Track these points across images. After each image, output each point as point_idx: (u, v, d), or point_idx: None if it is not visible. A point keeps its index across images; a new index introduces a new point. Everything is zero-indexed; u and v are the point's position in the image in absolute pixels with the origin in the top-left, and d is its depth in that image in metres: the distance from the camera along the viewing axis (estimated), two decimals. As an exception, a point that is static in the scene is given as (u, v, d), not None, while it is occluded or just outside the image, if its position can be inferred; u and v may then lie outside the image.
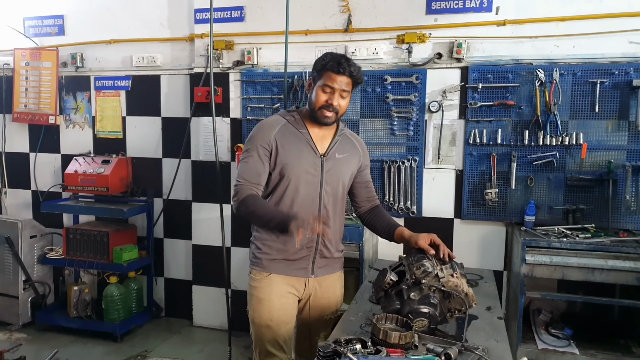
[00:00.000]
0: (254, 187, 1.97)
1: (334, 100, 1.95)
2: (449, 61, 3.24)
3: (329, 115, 1.97)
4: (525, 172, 3.13)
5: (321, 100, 1.96)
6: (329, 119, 1.98)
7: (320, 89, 1.96)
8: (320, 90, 1.96)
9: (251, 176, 1.98)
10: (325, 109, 1.96)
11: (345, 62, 1.93)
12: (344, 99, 1.98)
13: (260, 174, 1.99)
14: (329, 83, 1.94)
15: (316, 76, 1.99)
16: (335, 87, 1.94)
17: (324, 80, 1.95)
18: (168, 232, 4.10)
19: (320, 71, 1.97)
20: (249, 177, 1.98)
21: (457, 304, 1.76)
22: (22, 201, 4.46)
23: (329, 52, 2.01)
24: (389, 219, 2.16)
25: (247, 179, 1.98)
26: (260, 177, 1.99)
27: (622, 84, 2.96)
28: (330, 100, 1.95)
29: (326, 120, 1.98)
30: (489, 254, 3.29)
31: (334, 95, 1.95)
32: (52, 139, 4.29)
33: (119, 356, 3.48)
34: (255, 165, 1.98)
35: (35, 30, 4.24)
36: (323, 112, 1.96)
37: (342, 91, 1.96)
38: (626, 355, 2.77)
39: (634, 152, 2.98)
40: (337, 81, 1.93)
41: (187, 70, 3.87)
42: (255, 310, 2.07)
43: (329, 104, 1.95)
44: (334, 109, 1.96)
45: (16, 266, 3.89)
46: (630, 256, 2.67)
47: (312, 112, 2.00)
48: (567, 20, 3.02)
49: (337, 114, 1.98)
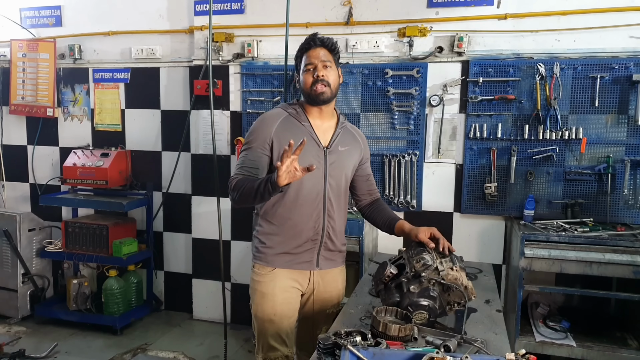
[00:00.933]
0: (249, 177, 1.95)
1: (319, 72, 1.96)
2: (450, 55, 3.23)
3: (323, 90, 1.96)
4: (525, 166, 3.14)
5: (308, 80, 1.97)
6: (324, 93, 1.97)
7: (304, 72, 1.99)
8: (305, 73, 1.98)
9: (248, 169, 1.96)
10: (315, 85, 1.96)
11: (314, 36, 2.00)
12: (328, 69, 1.98)
13: (258, 166, 1.97)
14: (308, 61, 1.97)
15: (298, 64, 2.04)
16: (314, 61, 1.96)
17: (303, 62, 1.99)
18: (168, 225, 4.10)
19: (298, 58, 2.03)
20: (246, 170, 1.96)
21: (457, 297, 1.77)
22: (20, 194, 4.45)
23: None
24: (390, 213, 2.16)
25: (242, 172, 1.96)
26: (258, 169, 1.97)
27: (622, 79, 2.96)
28: (318, 72, 1.96)
29: (323, 97, 1.97)
30: (488, 248, 3.31)
31: (317, 68, 1.96)
32: (50, 132, 4.28)
33: (119, 349, 3.49)
34: (253, 157, 1.97)
35: (32, 21, 4.21)
36: (316, 89, 1.96)
37: (323, 62, 1.97)
38: (622, 347, 2.79)
39: (633, 147, 2.98)
40: (314, 55, 1.97)
41: (187, 63, 3.85)
42: (259, 304, 2.07)
43: (316, 78, 1.95)
44: (323, 80, 1.95)
45: (15, 259, 3.88)
46: (628, 250, 2.69)
47: (308, 98, 2.00)
48: (568, 14, 3.02)
49: (329, 86, 1.97)
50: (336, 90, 2.02)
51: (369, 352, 1.35)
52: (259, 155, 1.98)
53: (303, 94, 2.03)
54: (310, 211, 2.01)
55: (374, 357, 1.33)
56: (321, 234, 2.05)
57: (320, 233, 2.04)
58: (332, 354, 1.45)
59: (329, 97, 1.99)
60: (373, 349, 1.38)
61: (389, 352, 1.39)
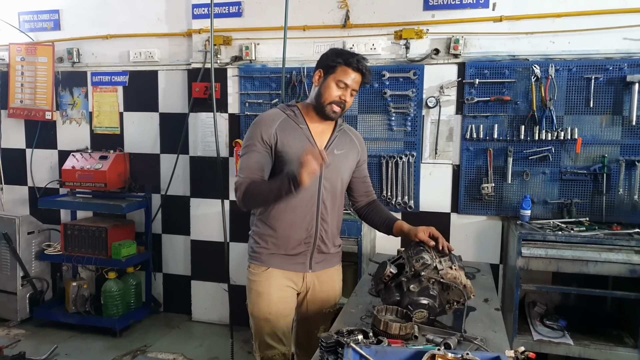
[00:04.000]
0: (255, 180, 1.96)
1: (347, 97, 1.96)
2: (446, 57, 3.26)
3: (337, 111, 1.98)
4: (521, 166, 3.17)
5: (334, 95, 1.96)
6: (337, 114, 2.00)
7: (334, 83, 1.95)
8: (334, 85, 1.95)
9: (253, 171, 1.95)
10: (335, 104, 1.97)
11: (362, 60, 1.96)
12: (351, 97, 2.00)
13: (263, 167, 1.97)
14: (344, 79, 1.94)
15: (329, 69, 1.97)
16: (348, 83, 1.95)
17: (339, 74, 1.95)
18: (166, 227, 4.11)
19: (336, 65, 1.95)
20: (250, 171, 1.95)
21: (456, 296, 1.80)
22: (18, 197, 4.45)
23: (339, 48, 2.04)
24: (387, 213, 2.18)
25: (247, 174, 1.96)
26: (263, 170, 1.97)
27: (616, 80, 2.99)
28: (344, 96, 1.96)
29: (334, 116, 2.00)
30: (486, 248, 3.34)
31: (347, 91, 1.96)
32: (49, 135, 4.28)
33: (118, 351, 3.49)
34: (257, 158, 1.97)
35: (30, 25, 4.22)
36: (332, 107, 1.97)
37: (353, 90, 1.98)
38: (619, 345, 2.82)
39: (628, 147, 3.02)
40: (351, 77, 1.95)
41: (185, 66, 3.87)
42: (255, 303, 2.09)
43: (342, 100, 1.96)
44: (344, 105, 1.98)
45: (14, 262, 3.89)
46: (623, 248, 2.72)
47: (319, 106, 1.99)
48: (562, 16, 3.05)
49: (343, 110, 2.00)
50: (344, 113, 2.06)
51: (371, 349, 1.37)
52: (262, 156, 1.97)
53: (316, 98, 2.01)
54: (304, 214, 2.02)
55: (376, 355, 1.35)
56: (314, 237, 2.06)
57: (313, 236, 2.06)
58: (334, 352, 1.47)
59: (337, 118, 2.04)
60: (375, 347, 1.40)
61: (391, 350, 1.42)
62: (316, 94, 2.01)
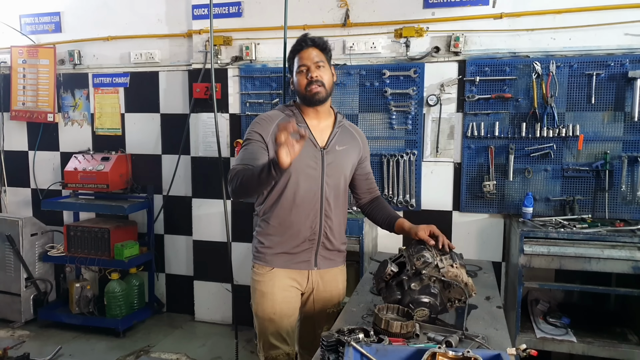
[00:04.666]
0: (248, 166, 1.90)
1: (312, 73, 1.96)
2: (446, 55, 3.26)
3: (318, 90, 1.97)
4: (523, 164, 3.16)
5: (302, 81, 1.98)
6: (319, 93, 1.97)
7: (297, 74, 2.00)
8: (298, 74, 1.99)
9: (247, 160, 1.92)
10: (309, 86, 1.97)
11: (304, 37, 2.00)
12: (322, 69, 1.98)
13: (258, 158, 1.92)
14: (300, 62, 1.98)
15: (291, 67, 2.04)
16: (307, 62, 1.97)
17: (296, 63, 2.00)
18: (168, 228, 4.12)
19: (291, 59, 2.03)
20: (244, 160, 1.92)
21: (457, 294, 1.79)
22: (21, 199, 4.47)
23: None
24: (390, 211, 2.18)
25: (241, 163, 1.92)
26: (258, 161, 1.90)
27: (618, 76, 2.98)
28: (310, 74, 1.97)
29: (318, 97, 1.98)
30: (488, 246, 3.33)
31: (310, 69, 1.97)
32: (51, 137, 4.30)
33: (122, 351, 3.51)
34: (253, 150, 1.96)
35: (32, 28, 4.24)
36: (310, 90, 1.97)
37: (316, 63, 1.97)
38: (622, 342, 2.81)
39: (630, 143, 3.01)
40: (306, 56, 1.97)
41: (186, 67, 3.88)
42: (259, 303, 2.09)
43: (310, 79, 1.96)
44: (317, 81, 1.96)
45: (17, 264, 3.90)
46: (626, 245, 2.71)
47: (303, 99, 2.02)
48: (563, 12, 3.04)
49: (324, 86, 1.98)
50: (331, 90, 2.03)
51: (372, 348, 1.37)
52: (257, 149, 1.97)
53: (298, 95, 2.04)
54: (307, 211, 2.02)
55: (377, 353, 1.35)
56: (318, 234, 2.06)
57: (317, 233, 2.05)
58: (335, 351, 1.47)
59: (324, 97, 2.00)
60: (376, 345, 1.40)
61: (392, 348, 1.41)
62: (295, 91, 2.06)
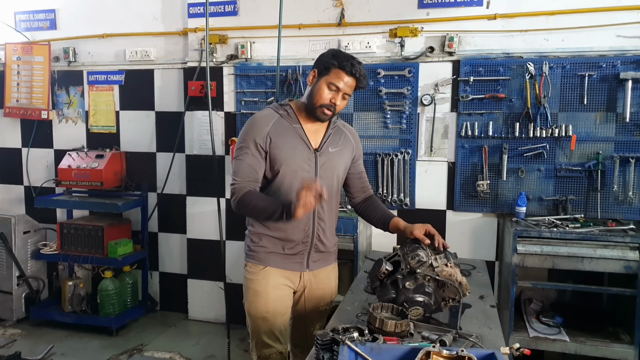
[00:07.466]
0: (250, 184, 1.96)
1: (337, 100, 1.93)
2: (441, 55, 3.27)
3: (328, 114, 1.96)
4: (516, 163, 3.18)
5: (325, 98, 1.93)
6: (327, 117, 1.98)
7: (325, 86, 1.93)
8: (326, 87, 1.92)
9: (247, 174, 1.96)
10: (326, 108, 1.94)
11: (357, 64, 1.92)
12: (345, 101, 1.97)
13: (257, 170, 1.97)
14: (336, 82, 1.91)
15: (323, 71, 1.94)
16: (341, 87, 1.92)
17: (332, 77, 1.92)
18: (162, 226, 4.11)
19: (330, 67, 1.92)
20: (245, 175, 1.96)
21: (451, 293, 1.80)
22: (14, 196, 4.44)
23: (337, 50, 1.99)
24: (384, 210, 2.18)
25: (243, 177, 1.96)
26: (258, 174, 1.97)
27: (610, 77, 3.01)
28: (334, 99, 1.93)
29: (324, 118, 1.98)
30: (481, 245, 3.35)
31: (338, 95, 1.93)
32: (45, 134, 4.27)
33: (115, 350, 3.49)
34: (251, 161, 1.96)
35: (26, 25, 4.21)
36: (323, 110, 1.95)
37: (346, 94, 1.95)
38: (614, 341, 2.84)
39: (622, 144, 3.03)
40: (344, 81, 1.91)
41: (181, 65, 3.87)
42: (252, 302, 2.09)
43: (332, 103, 1.93)
44: (334, 108, 1.95)
45: (10, 262, 3.88)
46: (618, 245, 2.74)
47: (310, 107, 1.98)
48: (556, 14, 3.06)
49: (334, 113, 1.98)
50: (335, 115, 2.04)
51: (366, 347, 1.37)
52: (255, 159, 1.97)
53: (308, 100, 1.99)
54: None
55: (371, 352, 1.36)
56: (311, 237, 2.06)
57: (310, 235, 2.06)
58: (330, 350, 1.47)
59: (326, 120, 2.01)
60: (370, 344, 1.40)
61: (386, 347, 1.42)
62: (308, 94, 2.00)
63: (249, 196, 1.92)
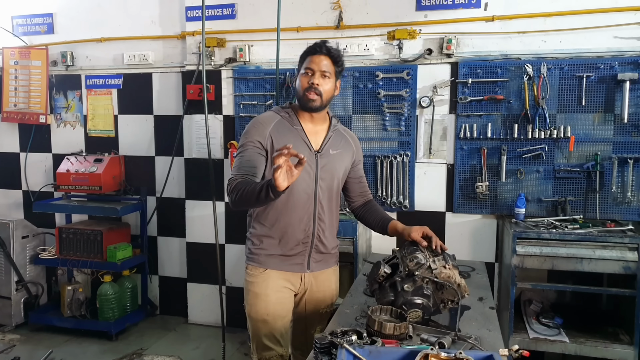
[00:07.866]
0: (247, 177, 1.93)
1: (315, 79, 1.96)
2: (439, 57, 3.27)
3: (314, 98, 1.97)
4: (515, 165, 3.18)
5: (304, 84, 1.98)
6: (314, 102, 1.98)
7: (301, 75, 2.00)
8: (302, 75, 2.00)
9: (246, 169, 1.94)
10: (308, 91, 1.97)
11: (322, 44, 1.99)
12: (325, 79, 1.99)
13: (256, 166, 1.96)
14: (309, 65, 1.98)
15: (299, 65, 2.04)
16: (314, 68, 1.97)
17: (305, 64, 2.00)
18: (162, 230, 4.10)
19: (303, 58, 2.02)
20: (243, 169, 1.94)
21: (450, 295, 1.80)
22: (12, 201, 4.43)
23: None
24: (382, 213, 2.19)
25: (240, 172, 1.94)
26: (256, 169, 1.96)
27: (608, 78, 3.01)
28: (312, 80, 1.96)
29: (312, 104, 1.98)
30: (481, 246, 3.35)
31: (315, 75, 1.97)
32: (43, 138, 4.27)
33: (114, 354, 3.48)
34: (250, 157, 1.97)
35: (24, 29, 4.21)
36: (307, 95, 1.97)
37: (323, 72, 1.97)
38: (614, 342, 2.84)
39: (620, 144, 3.04)
40: (315, 62, 1.97)
41: (179, 68, 3.87)
42: (252, 305, 2.09)
43: (311, 85, 1.96)
44: (316, 89, 1.96)
45: (8, 267, 3.87)
46: (617, 246, 2.74)
47: (300, 101, 2.03)
48: (554, 15, 3.07)
49: (320, 96, 1.98)
50: (327, 102, 2.03)
51: (365, 350, 1.37)
52: (255, 155, 1.97)
53: (297, 96, 2.05)
54: (301, 214, 2.03)
55: (370, 355, 1.35)
56: (312, 237, 2.06)
57: (310, 236, 2.06)
58: (328, 353, 1.47)
59: (317, 106, 2.00)
60: (369, 347, 1.40)
61: (385, 350, 1.42)
62: (295, 91, 2.07)
63: (242, 184, 1.88)
